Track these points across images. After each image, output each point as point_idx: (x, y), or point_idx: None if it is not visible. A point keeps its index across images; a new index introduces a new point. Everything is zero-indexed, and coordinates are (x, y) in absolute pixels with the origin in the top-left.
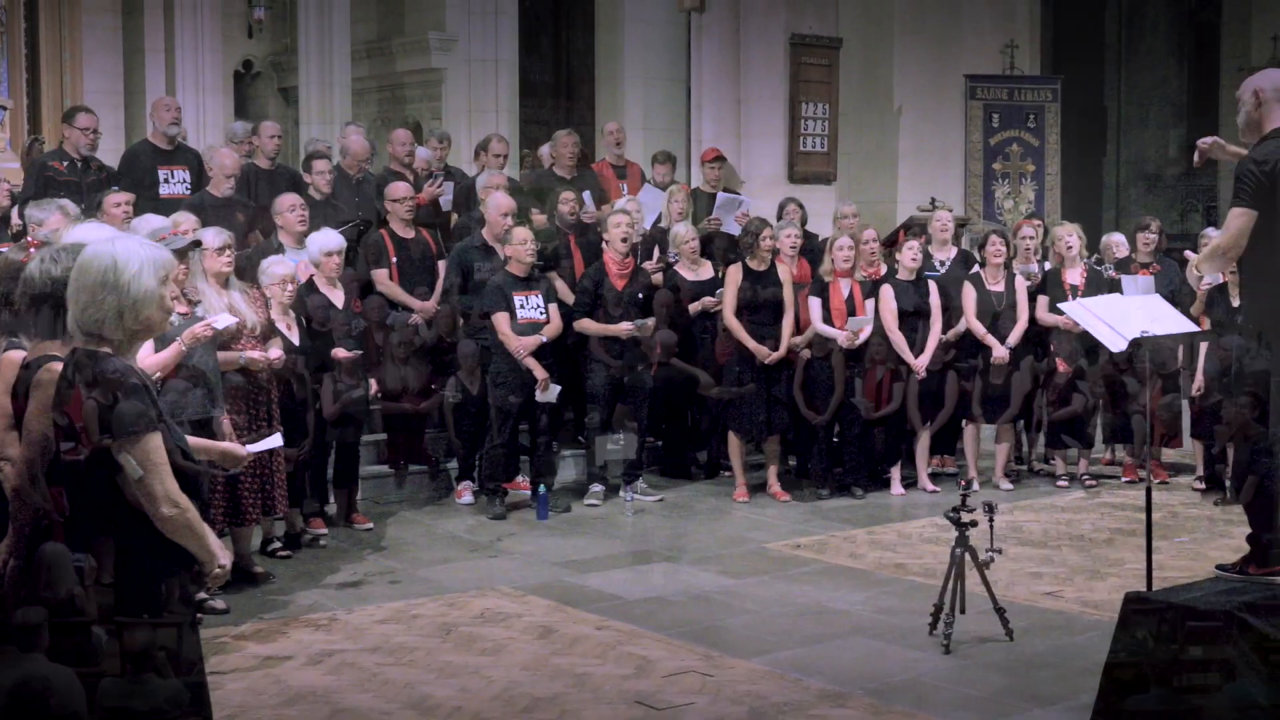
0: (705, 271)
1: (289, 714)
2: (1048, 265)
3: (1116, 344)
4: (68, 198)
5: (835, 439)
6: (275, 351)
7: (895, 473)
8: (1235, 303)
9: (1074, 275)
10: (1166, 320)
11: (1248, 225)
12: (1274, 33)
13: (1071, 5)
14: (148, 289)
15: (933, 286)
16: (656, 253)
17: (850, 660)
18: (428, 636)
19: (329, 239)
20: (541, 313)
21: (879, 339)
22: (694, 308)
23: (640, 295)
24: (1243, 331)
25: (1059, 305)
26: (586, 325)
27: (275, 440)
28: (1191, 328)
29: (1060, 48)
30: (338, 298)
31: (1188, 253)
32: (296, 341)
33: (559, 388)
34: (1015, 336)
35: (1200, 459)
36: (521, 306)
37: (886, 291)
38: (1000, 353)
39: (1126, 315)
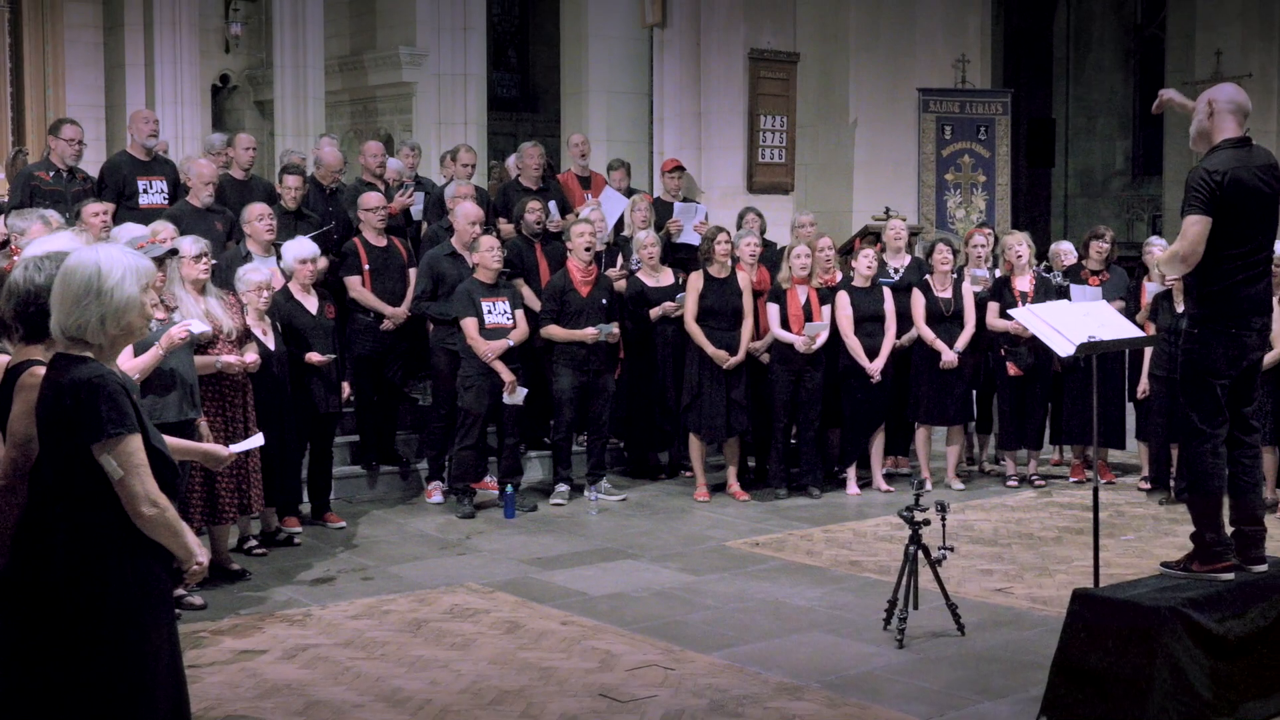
0: (666, 278)
1: (265, 706)
2: (998, 273)
3: (1064, 349)
4: (53, 207)
5: (793, 441)
6: (251, 356)
7: (851, 473)
8: (1179, 308)
9: (1023, 282)
10: (1113, 326)
11: (1204, 232)
12: (1217, 48)
13: (1021, 21)
14: (130, 296)
15: (887, 293)
16: (620, 260)
17: (807, 654)
18: (398, 631)
19: (303, 247)
20: (508, 318)
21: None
22: (654, 313)
23: (604, 301)
24: (1187, 337)
25: (1009, 311)
26: (552, 331)
27: (257, 440)
28: (1137, 333)
29: (1010, 62)
30: (312, 304)
31: (1151, 246)
32: (272, 346)
33: (526, 390)
34: (963, 341)
35: (1145, 460)
36: (489, 312)
37: (842, 298)
38: (949, 357)
39: (1074, 321)
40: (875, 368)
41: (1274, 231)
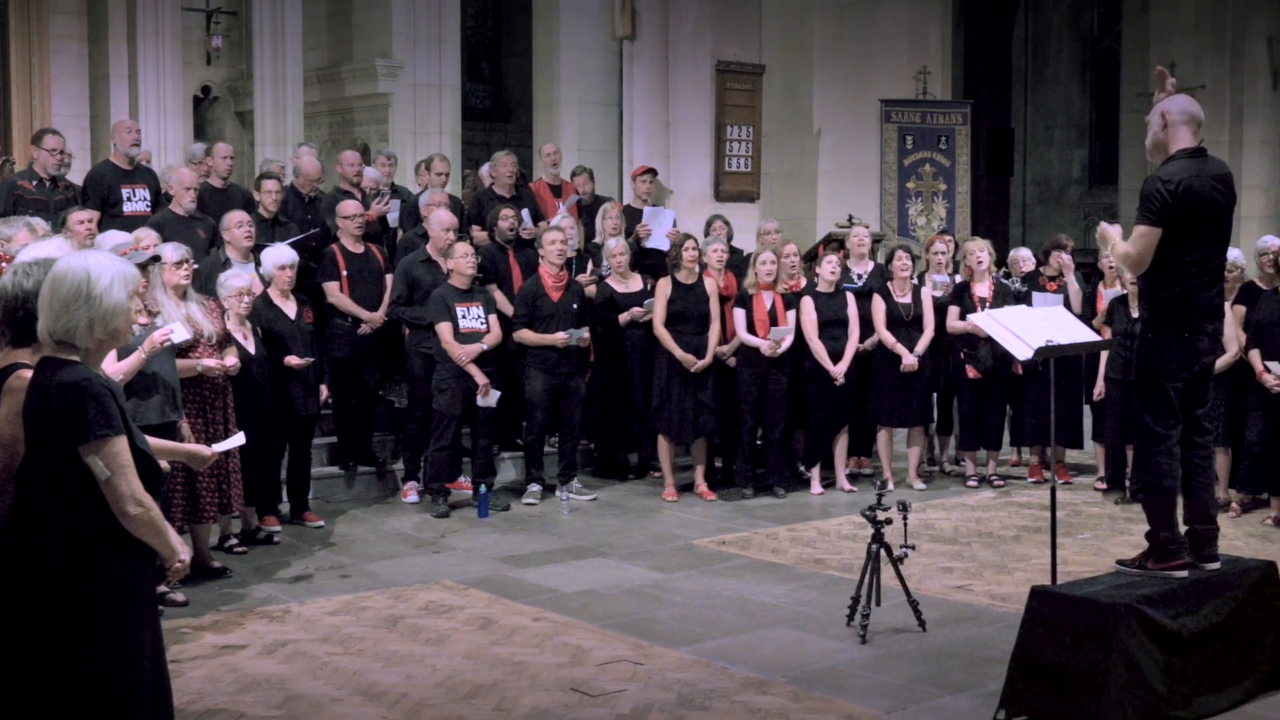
0: (635, 283)
1: (245, 700)
2: (958, 278)
3: (1023, 352)
4: (37, 216)
5: (758, 442)
6: (231, 359)
7: (815, 473)
8: (1135, 313)
9: (983, 288)
10: (1070, 330)
11: (1153, 242)
12: (1171, 60)
13: (981, 33)
14: (118, 301)
15: (850, 298)
16: (590, 266)
17: (772, 650)
18: (375, 627)
19: (281, 254)
20: (482, 323)
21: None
22: (624, 318)
23: (575, 306)
24: (1142, 341)
25: (969, 316)
26: (524, 335)
27: (238, 439)
28: (1094, 337)
29: (970, 74)
30: (291, 309)
31: (1105, 230)
32: (252, 350)
33: (499, 393)
34: (923, 345)
35: (1102, 461)
36: (463, 317)
37: (807, 303)
38: (909, 361)
39: (1032, 326)
40: (838, 371)
41: (1227, 239)
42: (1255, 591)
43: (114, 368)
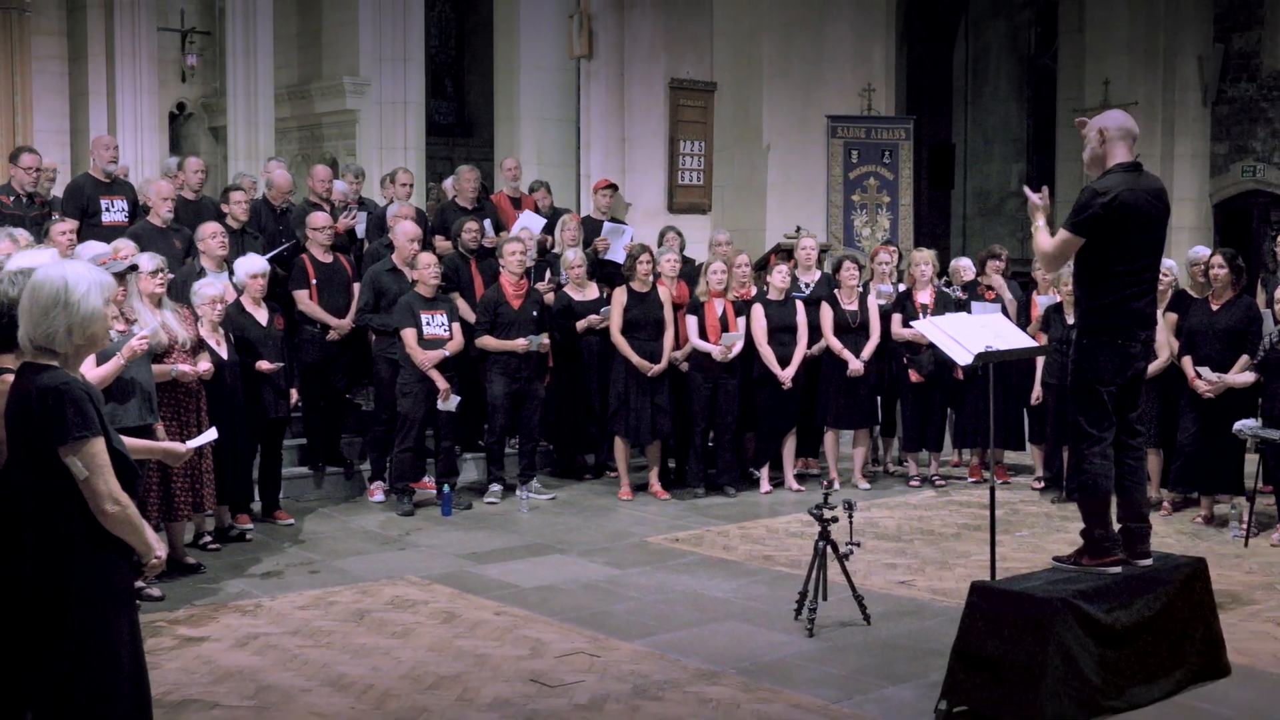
0: (591, 292)
1: (218, 690)
2: (902, 287)
3: (963, 358)
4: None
5: (710, 443)
6: (204, 364)
7: (764, 473)
8: (1070, 320)
9: (925, 296)
10: (1008, 337)
11: (1072, 249)
12: (1105, 77)
13: (923, 53)
14: (95, 308)
15: (799, 305)
16: (548, 275)
17: (723, 642)
18: (343, 621)
19: (254, 263)
20: (445, 329)
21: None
22: (581, 325)
23: (535, 314)
24: (1077, 347)
25: (911, 323)
26: (486, 341)
27: (211, 435)
28: (1032, 343)
29: (913, 91)
30: (262, 316)
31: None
32: (225, 355)
33: (458, 398)
34: (868, 351)
35: (1039, 461)
36: (427, 324)
37: (757, 310)
38: (855, 366)
39: (972, 332)
40: (787, 375)
41: (1160, 251)
42: (1186, 587)
43: (94, 373)
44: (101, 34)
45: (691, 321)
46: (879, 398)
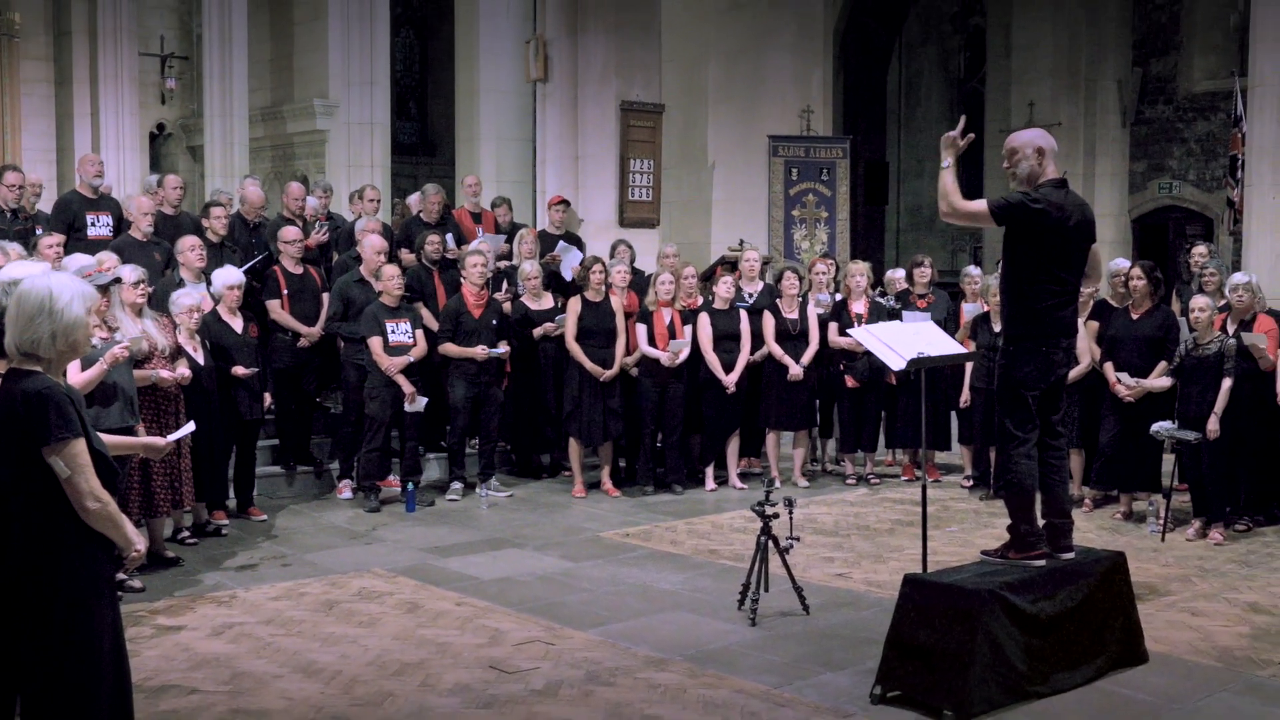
0: (547, 302)
1: (196, 676)
2: (838, 297)
3: (896, 364)
4: None
5: (659, 444)
6: (183, 370)
7: (709, 472)
8: (997, 328)
9: (860, 305)
10: (938, 344)
11: (977, 221)
12: (1030, 100)
13: (859, 76)
14: (77, 316)
15: (743, 314)
16: (505, 285)
17: (671, 631)
18: (313, 611)
19: (230, 275)
20: (410, 337)
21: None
22: (537, 332)
23: (494, 322)
24: (1003, 353)
25: (848, 330)
26: (448, 348)
27: (189, 427)
28: (961, 350)
29: (850, 112)
30: (237, 324)
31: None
32: (202, 361)
33: (426, 399)
34: (807, 357)
35: (967, 461)
36: (392, 332)
37: (703, 319)
38: (795, 371)
39: (905, 339)
40: (731, 380)
41: (1083, 265)
42: (1106, 579)
43: (78, 378)
44: (86, 59)
45: (641, 329)
46: (817, 401)
